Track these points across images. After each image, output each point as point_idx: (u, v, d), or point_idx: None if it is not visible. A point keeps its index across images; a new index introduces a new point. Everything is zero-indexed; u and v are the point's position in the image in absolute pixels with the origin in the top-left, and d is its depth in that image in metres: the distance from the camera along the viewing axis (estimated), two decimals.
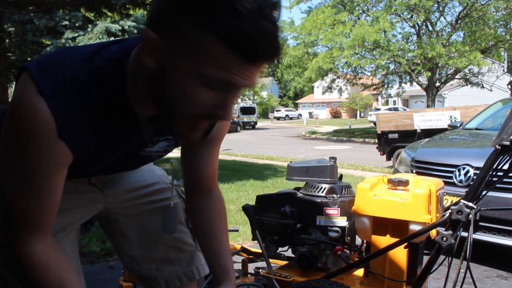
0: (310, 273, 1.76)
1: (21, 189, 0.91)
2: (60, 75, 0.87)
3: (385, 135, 9.69)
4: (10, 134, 0.88)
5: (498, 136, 1.41)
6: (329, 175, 1.88)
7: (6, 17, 6.68)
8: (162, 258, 1.34)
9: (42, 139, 0.86)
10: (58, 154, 0.89)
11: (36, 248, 0.94)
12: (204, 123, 0.89)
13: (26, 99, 0.85)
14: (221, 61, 0.77)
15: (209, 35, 0.75)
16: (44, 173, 0.90)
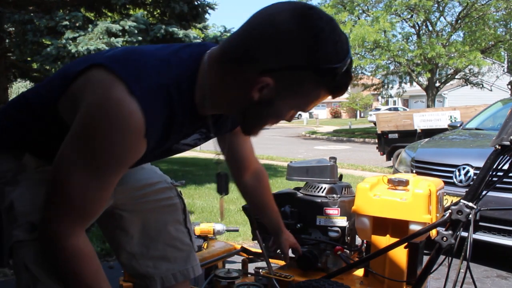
0: (310, 273, 1.76)
1: (89, 182, 0.94)
2: (148, 79, 0.94)
3: (385, 135, 9.69)
4: (94, 129, 0.91)
5: (498, 136, 1.41)
6: (329, 175, 1.88)
7: (6, 17, 6.67)
8: (160, 256, 1.38)
9: (131, 137, 0.92)
10: (139, 152, 0.96)
11: (81, 239, 0.99)
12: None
13: (118, 99, 0.90)
14: (319, 100, 1.01)
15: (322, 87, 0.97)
16: (118, 168, 0.96)
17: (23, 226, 1.08)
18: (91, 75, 0.96)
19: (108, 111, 0.90)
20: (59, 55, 6.44)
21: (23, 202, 1.10)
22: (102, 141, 0.91)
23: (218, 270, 1.92)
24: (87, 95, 0.94)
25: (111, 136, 0.91)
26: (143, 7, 8.11)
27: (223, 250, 2.06)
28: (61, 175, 0.96)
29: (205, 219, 4.34)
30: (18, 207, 1.10)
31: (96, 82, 0.94)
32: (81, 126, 0.93)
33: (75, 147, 0.94)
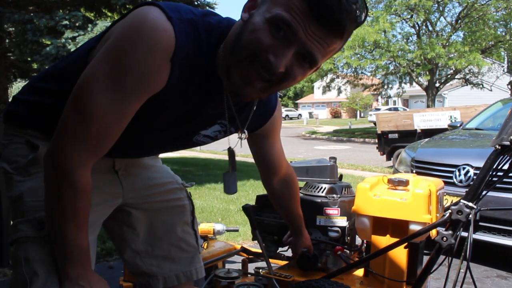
0: (310, 273, 1.76)
1: (109, 103, 0.93)
2: (185, 14, 0.96)
3: (385, 135, 9.69)
4: (124, 42, 0.91)
5: (498, 136, 1.41)
6: (329, 175, 1.88)
7: (6, 17, 6.67)
8: (164, 255, 1.38)
9: (157, 54, 0.91)
10: (159, 75, 0.93)
11: (87, 174, 0.99)
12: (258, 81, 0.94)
13: (155, 18, 0.91)
14: (292, 7, 0.88)
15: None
16: (138, 92, 0.94)
17: (31, 222, 1.08)
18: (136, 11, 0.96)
19: (142, 26, 0.90)
20: (58, 54, 6.45)
21: (33, 196, 1.09)
22: (131, 55, 0.90)
23: (218, 270, 1.92)
24: (123, 22, 0.96)
25: (140, 50, 0.90)
26: None
27: (223, 250, 2.06)
28: (83, 94, 0.93)
29: (205, 219, 4.34)
30: (28, 201, 1.10)
31: (134, 12, 0.95)
32: (112, 41, 0.94)
33: (101, 62, 0.93)
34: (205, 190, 6.13)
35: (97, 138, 0.96)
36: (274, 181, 1.54)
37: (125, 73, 0.92)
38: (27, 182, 1.11)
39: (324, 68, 19.24)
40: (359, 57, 19.04)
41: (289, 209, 1.63)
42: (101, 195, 1.23)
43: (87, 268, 1.05)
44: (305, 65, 0.94)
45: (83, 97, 0.94)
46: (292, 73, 0.94)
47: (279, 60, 0.90)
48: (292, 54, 0.91)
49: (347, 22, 0.89)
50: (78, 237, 1.01)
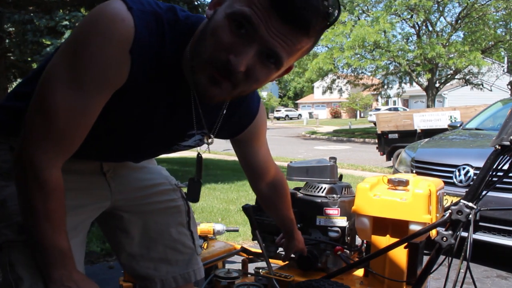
0: (310, 273, 1.76)
1: (72, 100, 0.90)
2: (147, 6, 0.92)
3: (385, 135, 9.69)
4: (81, 34, 0.89)
5: (498, 136, 1.41)
6: (329, 175, 1.88)
7: (6, 17, 6.67)
8: (160, 258, 1.36)
9: (114, 45, 0.88)
10: (119, 68, 0.90)
11: (56, 173, 0.96)
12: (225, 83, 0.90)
13: (113, 9, 0.88)
14: (254, 2, 0.83)
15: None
16: (100, 86, 0.91)
17: (13, 226, 1.07)
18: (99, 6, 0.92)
19: (99, 17, 0.88)
20: None
21: (15, 201, 1.05)
22: (88, 48, 0.87)
23: (218, 270, 1.92)
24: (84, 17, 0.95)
25: (96, 42, 0.87)
26: None
27: (223, 250, 2.06)
28: (45, 91, 0.91)
29: (205, 219, 4.34)
30: (11, 206, 1.08)
31: (96, 6, 0.92)
32: (70, 36, 0.91)
33: (60, 58, 0.91)
34: (205, 190, 6.13)
35: (63, 136, 0.94)
36: (261, 185, 1.48)
37: (84, 67, 0.89)
38: (10, 187, 1.08)
39: (324, 68, 19.25)
40: (359, 57, 19.03)
41: (279, 212, 1.57)
42: (88, 196, 1.22)
43: (71, 269, 1.02)
44: (269, 65, 0.89)
45: (44, 95, 0.91)
46: (254, 73, 0.89)
47: (239, 59, 0.86)
48: (254, 53, 0.86)
49: (313, 19, 0.83)
50: (56, 239, 0.99)
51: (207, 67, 0.89)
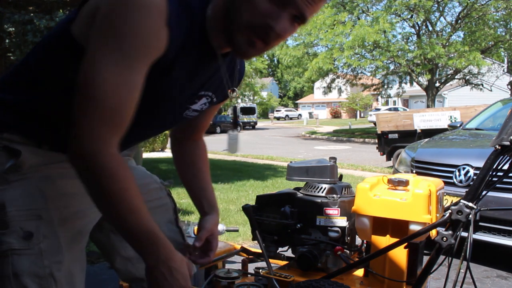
0: (310, 273, 1.76)
1: (118, 77, 0.90)
2: None
3: (385, 135, 9.69)
4: (116, 14, 0.90)
5: (498, 136, 1.41)
6: (329, 175, 1.88)
7: (6, 17, 6.67)
8: None
9: (155, 17, 0.90)
10: (159, 39, 0.92)
11: (115, 153, 0.94)
12: (259, 43, 1.00)
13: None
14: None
15: None
16: (143, 58, 0.92)
17: (17, 233, 1.02)
18: None
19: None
20: None
21: (16, 206, 1.03)
22: (125, 24, 0.89)
23: (218, 270, 1.92)
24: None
25: (133, 18, 0.89)
26: None
27: (223, 250, 2.06)
28: (90, 77, 0.90)
29: None
30: (12, 211, 1.02)
31: None
32: (103, 16, 0.91)
33: (99, 40, 0.91)
34: None
35: (116, 116, 0.92)
36: (188, 143, 1.39)
37: (128, 43, 0.90)
38: (7, 191, 1.03)
39: (324, 68, 19.25)
40: (359, 57, 19.04)
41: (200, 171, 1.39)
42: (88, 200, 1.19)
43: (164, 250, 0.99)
44: (296, 25, 1.00)
45: (91, 80, 0.90)
46: (285, 33, 0.99)
47: (277, 24, 0.96)
48: (288, 17, 0.97)
49: None
50: (142, 222, 0.96)
51: (245, 31, 0.97)
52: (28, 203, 1.04)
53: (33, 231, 1.02)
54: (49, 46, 1.07)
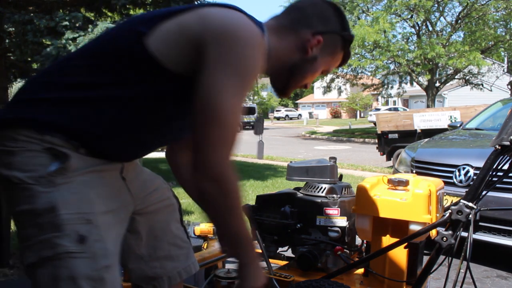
0: (310, 273, 1.76)
1: (237, 102, 1.02)
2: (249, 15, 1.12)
3: (385, 135, 9.69)
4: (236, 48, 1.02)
5: (498, 136, 1.41)
6: (329, 175, 1.88)
7: (6, 17, 6.66)
8: (165, 255, 1.39)
9: (262, 53, 1.07)
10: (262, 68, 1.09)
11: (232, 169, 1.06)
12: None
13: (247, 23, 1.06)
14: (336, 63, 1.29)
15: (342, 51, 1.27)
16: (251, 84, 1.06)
17: (72, 237, 1.03)
18: (204, 11, 1.06)
19: (245, 33, 1.03)
20: (59, 55, 6.43)
21: (68, 209, 1.04)
22: (244, 58, 1.02)
23: (218, 270, 1.92)
24: (210, 19, 1.04)
25: (249, 52, 1.02)
26: (143, 7, 8.09)
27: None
28: (216, 104, 1.00)
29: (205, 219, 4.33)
30: (63, 214, 1.03)
31: (218, 11, 1.06)
32: (221, 50, 1.01)
33: (221, 72, 1.01)
34: None
35: (234, 138, 1.05)
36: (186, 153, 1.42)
37: (245, 77, 1.03)
38: (55, 194, 1.04)
39: None
40: (359, 57, 19.03)
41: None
42: (120, 203, 1.21)
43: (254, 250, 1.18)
44: None
45: (216, 108, 1.01)
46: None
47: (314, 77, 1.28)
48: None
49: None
50: (244, 227, 1.11)
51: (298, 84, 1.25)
52: (78, 207, 1.05)
53: (86, 234, 1.04)
54: (110, 53, 1.09)
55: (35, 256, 1.03)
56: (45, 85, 1.12)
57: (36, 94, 1.11)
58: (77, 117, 1.08)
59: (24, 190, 1.05)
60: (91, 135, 1.10)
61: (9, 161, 1.06)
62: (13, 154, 1.06)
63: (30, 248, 1.04)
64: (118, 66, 1.08)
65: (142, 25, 1.08)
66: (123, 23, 1.17)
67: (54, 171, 1.05)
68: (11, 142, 1.06)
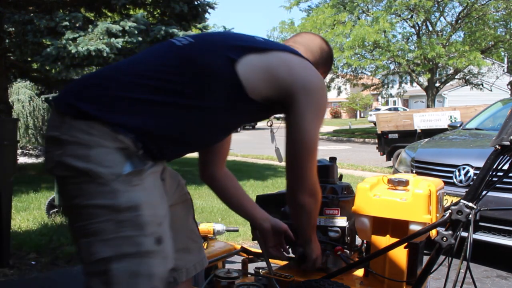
0: (310, 273, 1.76)
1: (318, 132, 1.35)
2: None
3: (385, 135, 9.69)
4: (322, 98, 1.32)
5: (498, 136, 1.41)
6: (329, 175, 1.87)
7: (6, 17, 6.66)
8: (183, 248, 1.44)
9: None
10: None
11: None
12: None
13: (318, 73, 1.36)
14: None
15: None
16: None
17: (152, 236, 1.09)
18: (285, 56, 1.30)
19: (323, 85, 1.34)
20: (59, 55, 6.44)
21: (149, 210, 1.10)
22: (325, 102, 1.34)
23: (218, 270, 1.92)
24: (297, 72, 1.28)
25: (325, 96, 1.35)
26: (143, 7, 8.10)
27: (223, 250, 2.06)
28: (312, 139, 1.31)
29: (205, 219, 4.34)
30: (145, 215, 1.09)
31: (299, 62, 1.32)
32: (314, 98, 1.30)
33: (313, 112, 1.30)
34: (205, 190, 6.13)
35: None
36: (222, 170, 1.60)
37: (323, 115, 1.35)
38: (136, 194, 1.09)
39: None
40: (359, 57, 19.03)
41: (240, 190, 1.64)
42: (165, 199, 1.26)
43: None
44: None
45: (310, 142, 1.31)
46: None
47: None
48: None
49: None
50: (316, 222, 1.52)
51: None
52: (153, 208, 1.12)
53: (162, 236, 1.12)
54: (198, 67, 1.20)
55: (112, 250, 1.07)
56: (123, 84, 1.15)
57: (113, 91, 1.13)
58: (151, 119, 1.14)
59: (103, 185, 1.07)
60: (157, 138, 1.16)
61: (86, 154, 1.07)
62: (90, 148, 1.08)
63: (106, 242, 1.07)
64: (204, 81, 1.19)
65: (231, 52, 1.22)
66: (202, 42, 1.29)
67: (133, 172, 1.09)
68: (85, 135, 1.08)
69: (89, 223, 1.08)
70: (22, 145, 12.10)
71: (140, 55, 1.30)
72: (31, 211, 4.83)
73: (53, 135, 1.11)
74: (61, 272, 3.11)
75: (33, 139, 12.75)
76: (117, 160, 1.08)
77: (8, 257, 3.13)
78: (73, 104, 1.10)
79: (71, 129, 1.09)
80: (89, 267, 1.10)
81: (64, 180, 1.11)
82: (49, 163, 1.13)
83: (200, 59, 1.22)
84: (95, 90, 1.15)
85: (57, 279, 3.00)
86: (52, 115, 1.16)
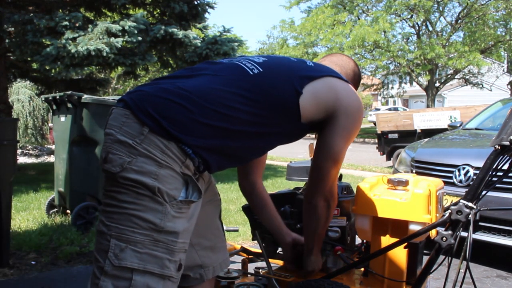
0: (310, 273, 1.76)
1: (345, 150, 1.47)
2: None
3: (385, 135, 9.69)
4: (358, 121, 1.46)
5: (498, 136, 1.41)
6: None
7: (6, 17, 6.66)
8: (211, 246, 1.48)
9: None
10: None
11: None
12: None
13: (358, 98, 1.47)
14: None
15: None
16: None
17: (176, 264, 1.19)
18: (333, 82, 1.43)
19: (362, 108, 1.46)
20: (59, 55, 6.43)
21: (183, 238, 1.19)
22: (359, 125, 1.47)
23: None
24: (342, 97, 1.41)
25: (361, 119, 1.47)
26: (143, 7, 8.09)
27: None
28: (338, 155, 1.43)
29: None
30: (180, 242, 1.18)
31: (344, 88, 1.44)
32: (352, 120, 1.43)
33: (344, 133, 1.42)
34: None
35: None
36: (261, 177, 1.72)
37: (356, 132, 1.47)
38: (180, 221, 1.17)
39: None
40: (359, 57, 19.03)
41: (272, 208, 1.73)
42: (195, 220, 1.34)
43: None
44: None
45: (338, 156, 1.44)
46: None
47: None
48: None
49: None
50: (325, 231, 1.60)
51: None
52: (186, 237, 1.21)
53: (183, 263, 1.21)
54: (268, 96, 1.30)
55: (139, 263, 1.13)
56: (205, 112, 1.20)
57: (195, 116, 1.18)
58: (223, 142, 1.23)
59: (159, 204, 1.13)
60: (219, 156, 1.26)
61: (155, 171, 1.13)
62: (160, 167, 1.13)
63: (138, 254, 1.13)
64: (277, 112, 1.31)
65: (296, 84, 1.35)
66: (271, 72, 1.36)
67: (185, 201, 1.17)
68: (160, 153, 1.14)
69: (130, 231, 1.13)
70: (22, 145, 12.10)
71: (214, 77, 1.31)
72: (31, 211, 4.83)
73: (127, 142, 1.14)
74: (61, 272, 3.10)
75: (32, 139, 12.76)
76: (178, 185, 1.16)
77: (8, 257, 3.13)
78: (155, 118, 1.14)
79: (148, 143, 1.13)
80: (110, 267, 1.13)
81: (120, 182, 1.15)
82: (114, 165, 1.14)
83: (273, 91, 1.32)
84: (177, 111, 1.18)
85: (57, 279, 2.99)
86: (125, 118, 1.17)
